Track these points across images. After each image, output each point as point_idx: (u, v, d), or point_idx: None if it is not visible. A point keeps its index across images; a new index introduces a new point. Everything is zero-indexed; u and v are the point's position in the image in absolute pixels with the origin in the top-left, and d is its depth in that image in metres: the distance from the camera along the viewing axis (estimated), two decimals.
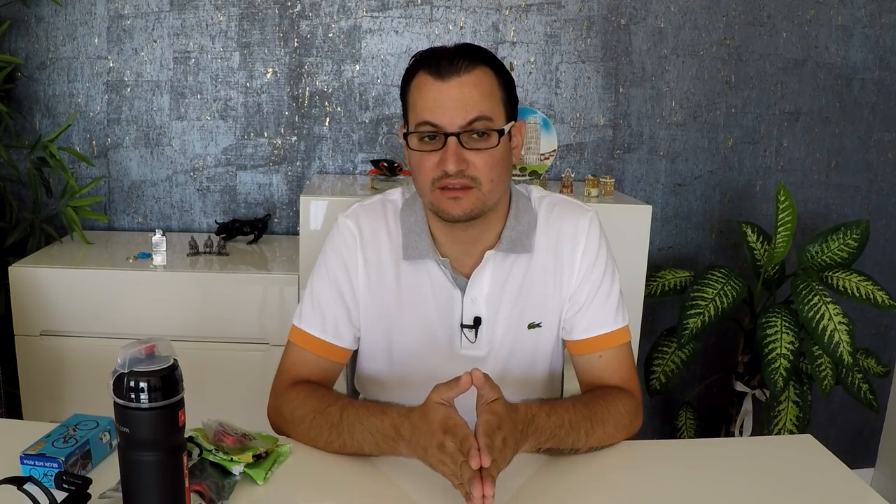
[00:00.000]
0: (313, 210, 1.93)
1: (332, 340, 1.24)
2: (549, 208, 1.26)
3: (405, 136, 1.16)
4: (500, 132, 1.14)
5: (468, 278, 1.23)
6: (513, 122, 1.18)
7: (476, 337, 1.24)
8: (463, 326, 1.24)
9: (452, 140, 1.10)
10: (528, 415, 1.03)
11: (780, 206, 2.10)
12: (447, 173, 1.11)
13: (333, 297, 1.24)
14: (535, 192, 1.30)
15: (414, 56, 1.16)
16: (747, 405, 2.28)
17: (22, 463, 0.99)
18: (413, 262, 1.23)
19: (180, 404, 0.83)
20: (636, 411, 1.20)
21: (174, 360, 0.83)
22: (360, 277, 1.24)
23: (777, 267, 2.24)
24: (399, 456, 1.04)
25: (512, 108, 1.18)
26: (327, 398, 1.14)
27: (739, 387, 2.29)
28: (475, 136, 1.12)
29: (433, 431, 0.96)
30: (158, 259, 2.03)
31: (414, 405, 1.02)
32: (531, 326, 1.26)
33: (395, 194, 1.29)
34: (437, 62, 1.12)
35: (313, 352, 1.23)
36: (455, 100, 1.10)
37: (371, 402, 1.20)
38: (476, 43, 1.17)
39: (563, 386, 1.46)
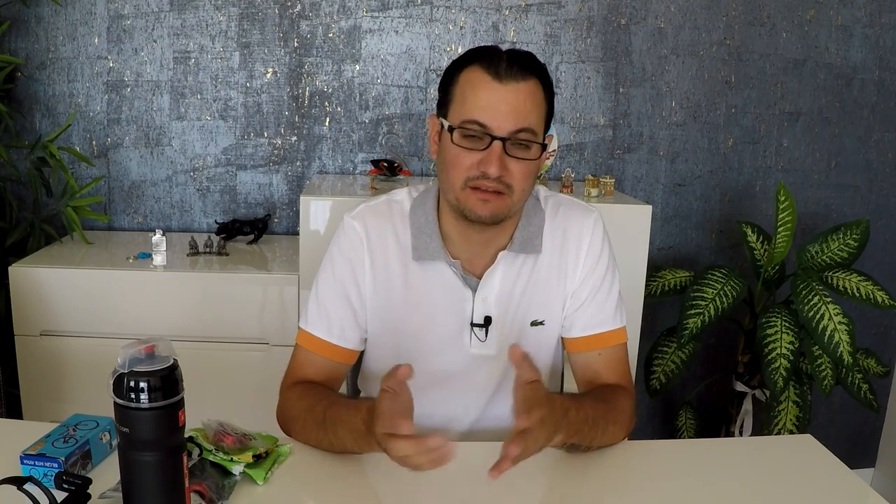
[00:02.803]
0: (313, 210, 1.93)
1: (338, 342, 1.23)
2: (555, 208, 1.27)
3: (450, 129, 1.13)
4: (543, 146, 1.14)
5: (479, 278, 1.23)
6: (547, 135, 1.18)
7: (486, 336, 1.24)
8: (473, 325, 1.24)
9: (498, 144, 1.10)
10: (564, 407, 1.03)
11: (780, 206, 2.10)
12: (486, 175, 1.10)
13: (339, 299, 1.24)
14: (542, 191, 1.30)
15: (470, 50, 1.15)
16: (747, 405, 2.28)
17: (22, 463, 0.99)
18: (422, 263, 1.23)
19: (180, 404, 0.83)
20: (633, 411, 1.21)
21: (174, 360, 0.83)
22: (366, 279, 1.24)
23: (777, 267, 2.24)
24: (375, 452, 1.01)
25: (549, 121, 1.18)
26: (316, 397, 1.14)
27: (739, 387, 2.29)
28: (518, 145, 1.11)
29: (372, 422, 0.96)
30: (158, 259, 2.04)
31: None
32: (534, 324, 1.26)
33: (401, 194, 1.28)
34: (496, 62, 1.11)
35: (319, 354, 1.23)
36: (510, 104, 1.10)
37: (352, 399, 1.20)
38: (477, 43, 1.16)
39: (562, 385, 1.46)
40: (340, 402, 1.13)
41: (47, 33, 2.23)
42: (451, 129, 1.13)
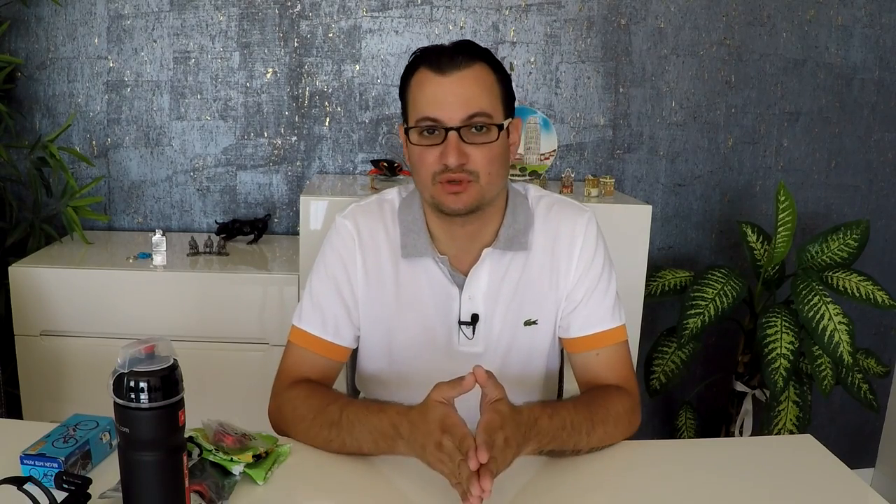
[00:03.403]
0: (313, 210, 1.93)
1: (332, 339, 1.24)
2: (548, 207, 1.27)
3: (406, 131, 1.17)
4: (500, 127, 1.15)
5: (466, 275, 1.24)
6: (510, 119, 1.19)
7: (473, 334, 1.25)
8: (461, 323, 1.24)
9: (453, 134, 1.12)
10: (531, 417, 1.03)
11: (780, 206, 2.10)
12: (448, 167, 1.12)
13: (333, 296, 1.24)
14: (533, 190, 1.30)
15: (413, 53, 1.18)
16: (747, 405, 2.28)
17: (22, 463, 0.99)
18: (411, 261, 1.24)
19: (180, 404, 0.83)
20: (634, 410, 1.20)
21: (174, 360, 0.83)
22: (359, 277, 1.25)
23: (777, 267, 2.24)
24: (397, 455, 1.04)
25: (509, 104, 1.19)
26: (327, 397, 1.14)
27: (739, 387, 2.29)
28: (474, 130, 1.13)
29: (431, 430, 0.97)
30: (158, 259, 2.04)
31: (413, 403, 1.03)
32: (527, 323, 1.26)
33: (392, 194, 1.29)
34: (437, 58, 1.13)
35: (313, 350, 1.23)
36: (455, 94, 1.12)
37: (370, 400, 1.20)
38: (476, 43, 1.18)
39: (561, 386, 1.46)
40: (357, 403, 1.13)
41: (47, 33, 2.23)
42: (407, 131, 1.16)
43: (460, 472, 0.91)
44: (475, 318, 1.24)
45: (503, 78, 1.18)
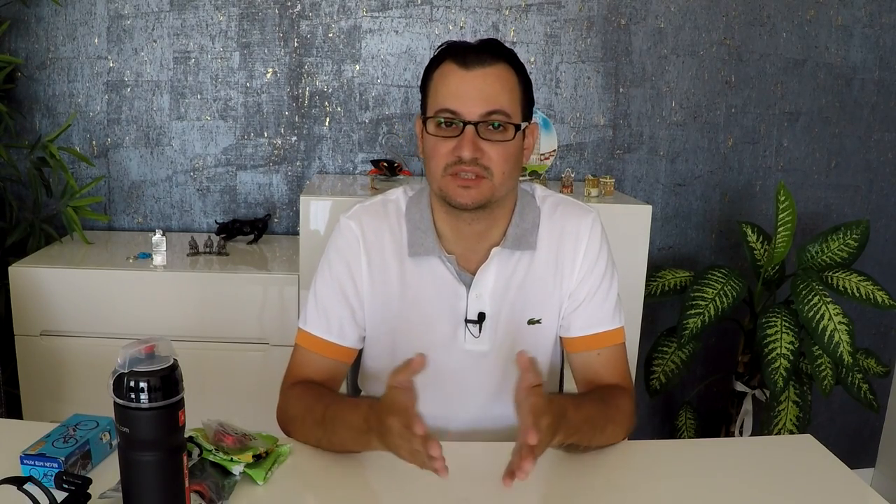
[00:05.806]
0: (313, 210, 1.93)
1: (337, 341, 1.24)
2: (553, 207, 1.28)
3: (424, 121, 1.18)
4: (517, 127, 1.16)
5: (473, 274, 1.24)
6: (527, 123, 1.20)
7: (480, 332, 1.25)
8: (467, 322, 1.24)
9: (470, 128, 1.12)
10: (562, 408, 1.02)
11: (780, 206, 2.10)
12: (461, 160, 1.12)
13: (337, 297, 1.24)
14: (539, 190, 1.31)
15: (440, 46, 1.19)
16: (747, 405, 2.28)
17: (22, 463, 0.99)
18: (417, 259, 1.24)
19: (180, 404, 0.83)
20: (633, 411, 1.21)
21: (174, 360, 0.83)
22: (363, 278, 1.25)
23: (777, 267, 2.24)
24: (374, 450, 1.03)
25: (528, 107, 1.20)
26: (316, 396, 1.15)
27: (739, 387, 2.29)
28: (492, 127, 1.14)
29: (382, 417, 0.96)
30: (158, 259, 2.04)
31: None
32: (531, 322, 1.26)
33: (396, 194, 1.29)
34: (462, 53, 1.14)
35: (318, 352, 1.24)
36: (477, 90, 1.13)
37: (352, 397, 1.20)
38: (503, 43, 1.19)
39: (562, 386, 1.46)
40: (340, 400, 1.14)
41: (47, 33, 2.23)
42: (425, 121, 1.17)
43: (412, 445, 0.91)
44: (482, 316, 1.24)
45: (525, 81, 1.18)
